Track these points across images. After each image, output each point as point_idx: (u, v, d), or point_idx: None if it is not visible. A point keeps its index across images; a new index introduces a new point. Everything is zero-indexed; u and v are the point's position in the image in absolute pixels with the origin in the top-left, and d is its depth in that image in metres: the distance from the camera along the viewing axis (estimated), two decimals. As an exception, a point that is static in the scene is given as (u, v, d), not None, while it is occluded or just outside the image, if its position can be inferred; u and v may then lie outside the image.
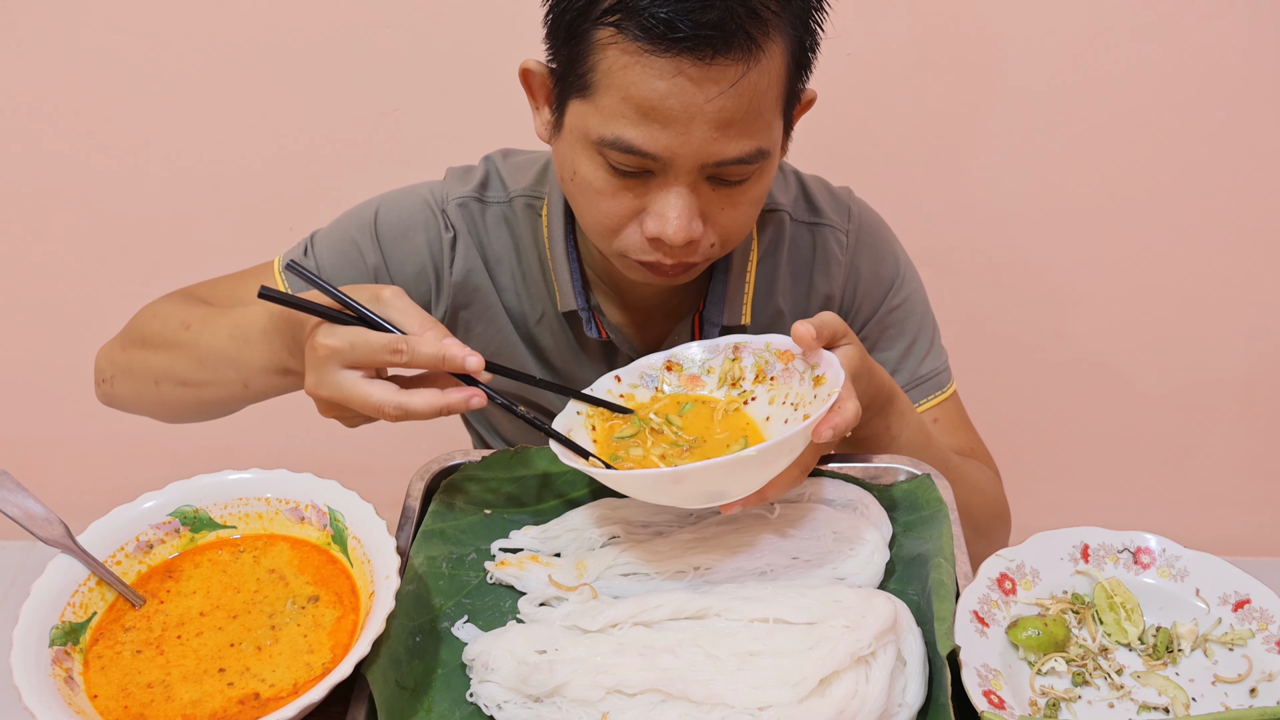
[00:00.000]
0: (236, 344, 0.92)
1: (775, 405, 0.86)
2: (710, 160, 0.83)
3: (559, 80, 0.87)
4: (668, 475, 0.72)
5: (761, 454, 0.71)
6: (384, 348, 0.75)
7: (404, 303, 0.78)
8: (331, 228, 1.09)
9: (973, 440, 1.14)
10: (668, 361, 0.90)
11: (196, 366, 0.96)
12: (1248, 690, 0.76)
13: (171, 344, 0.98)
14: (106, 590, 0.76)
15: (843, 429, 0.75)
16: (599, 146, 0.84)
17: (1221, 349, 1.92)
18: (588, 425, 0.86)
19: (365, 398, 0.76)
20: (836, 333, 0.84)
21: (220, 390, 0.96)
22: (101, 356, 1.09)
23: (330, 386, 0.77)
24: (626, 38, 0.78)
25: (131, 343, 1.04)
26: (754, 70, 0.80)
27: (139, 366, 1.02)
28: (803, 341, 0.81)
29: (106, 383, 1.08)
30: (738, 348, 0.89)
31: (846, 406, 0.76)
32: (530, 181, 1.06)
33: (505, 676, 0.73)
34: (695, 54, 0.77)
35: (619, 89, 0.80)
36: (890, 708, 0.70)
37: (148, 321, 1.03)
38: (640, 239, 0.89)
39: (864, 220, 1.12)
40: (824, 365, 0.82)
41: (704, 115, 0.80)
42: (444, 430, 1.47)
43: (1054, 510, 1.63)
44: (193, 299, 1.06)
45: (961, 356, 1.22)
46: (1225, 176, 1.73)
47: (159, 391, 1.01)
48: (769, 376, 0.87)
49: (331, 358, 0.76)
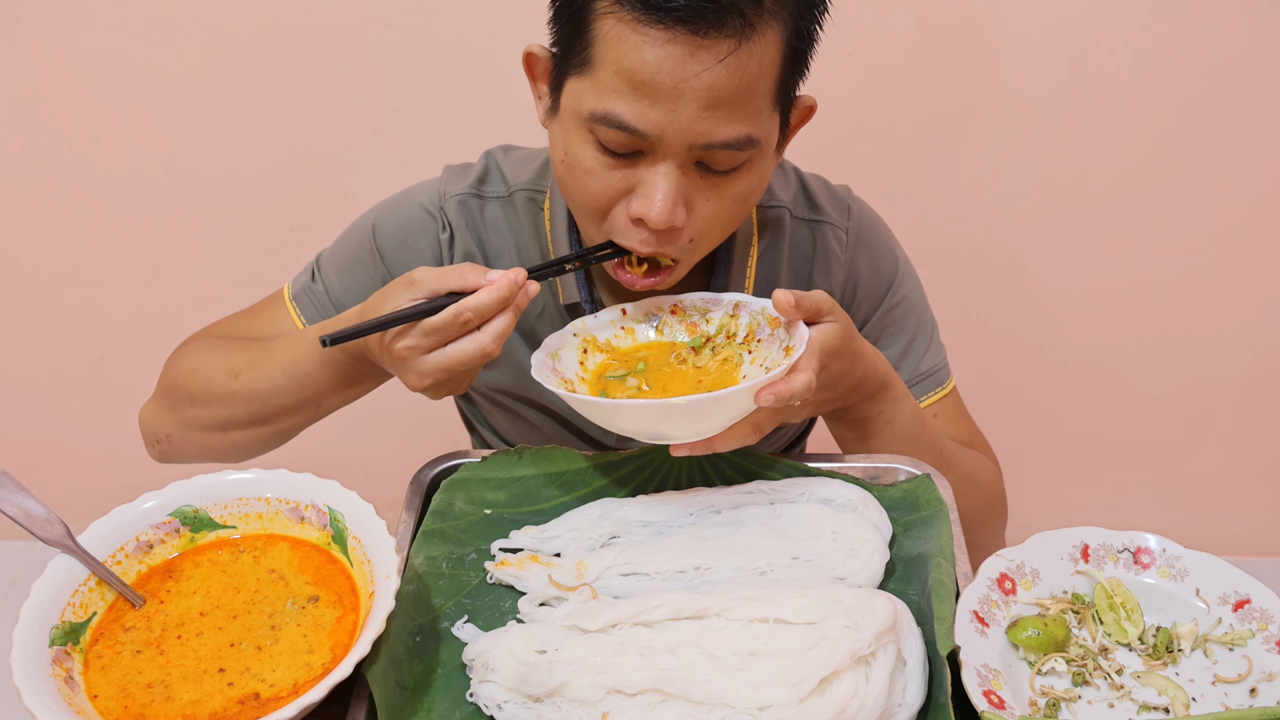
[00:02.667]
0: (297, 381, 0.96)
1: (754, 366, 0.89)
2: (699, 141, 0.83)
3: (559, 61, 0.88)
4: (609, 405, 0.79)
5: (692, 404, 0.76)
6: (452, 323, 0.81)
7: (434, 271, 0.83)
8: (334, 248, 1.10)
9: (973, 435, 1.14)
10: (673, 306, 0.95)
11: (259, 407, 0.99)
12: (1248, 690, 0.76)
13: (224, 397, 1.00)
14: (106, 590, 0.76)
15: (786, 396, 0.79)
16: (590, 123, 0.85)
17: (1221, 349, 1.92)
18: (579, 348, 0.91)
19: (463, 356, 0.82)
20: (821, 309, 0.86)
21: (295, 419, 1.01)
22: (148, 419, 1.10)
23: (429, 374, 0.83)
24: (624, 8, 0.80)
25: (179, 402, 1.05)
26: (744, 49, 0.80)
27: (197, 421, 1.04)
28: (781, 309, 0.84)
29: (163, 442, 1.09)
30: (738, 305, 0.93)
31: (797, 378, 0.79)
32: (532, 175, 1.07)
33: (505, 676, 0.73)
34: (689, 25, 0.78)
35: (613, 61, 0.82)
36: (890, 708, 0.70)
37: (189, 379, 1.04)
38: (625, 220, 0.89)
39: (863, 219, 1.12)
40: (796, 337, 0.85)
41: (693, 91, 0.81)
42: (444, 430, 1.47)
43: (1054, 510, 1.64)
44: (221, 341, 1.07)
45: (960, 356, 1.22)
46: (1225, 176, 1.73)
47: (228, 438, 1.04)
48: (757, 339, 0.91)
49: (413, 353, 0.83)
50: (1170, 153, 1.71)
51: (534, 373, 0.85)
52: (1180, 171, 1.73)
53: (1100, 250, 1.82)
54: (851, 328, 0.88)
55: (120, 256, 1.85)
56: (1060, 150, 1.72)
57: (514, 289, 0.82)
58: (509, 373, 1.11)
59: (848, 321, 0.87)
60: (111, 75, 1.67)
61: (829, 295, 0.87)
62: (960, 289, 1.84)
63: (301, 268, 1.12)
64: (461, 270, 0.82)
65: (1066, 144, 1.71)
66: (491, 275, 0.82)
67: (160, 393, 1.09)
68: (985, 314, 1.89)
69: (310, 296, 1.08)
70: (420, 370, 0.83)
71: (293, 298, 1.09)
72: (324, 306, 1.07)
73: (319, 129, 1.72)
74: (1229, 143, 1.70)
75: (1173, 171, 1.73)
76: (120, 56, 1.65)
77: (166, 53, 1.65)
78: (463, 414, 1.28)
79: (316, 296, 1.08)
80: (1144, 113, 1.68)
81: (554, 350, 0.90)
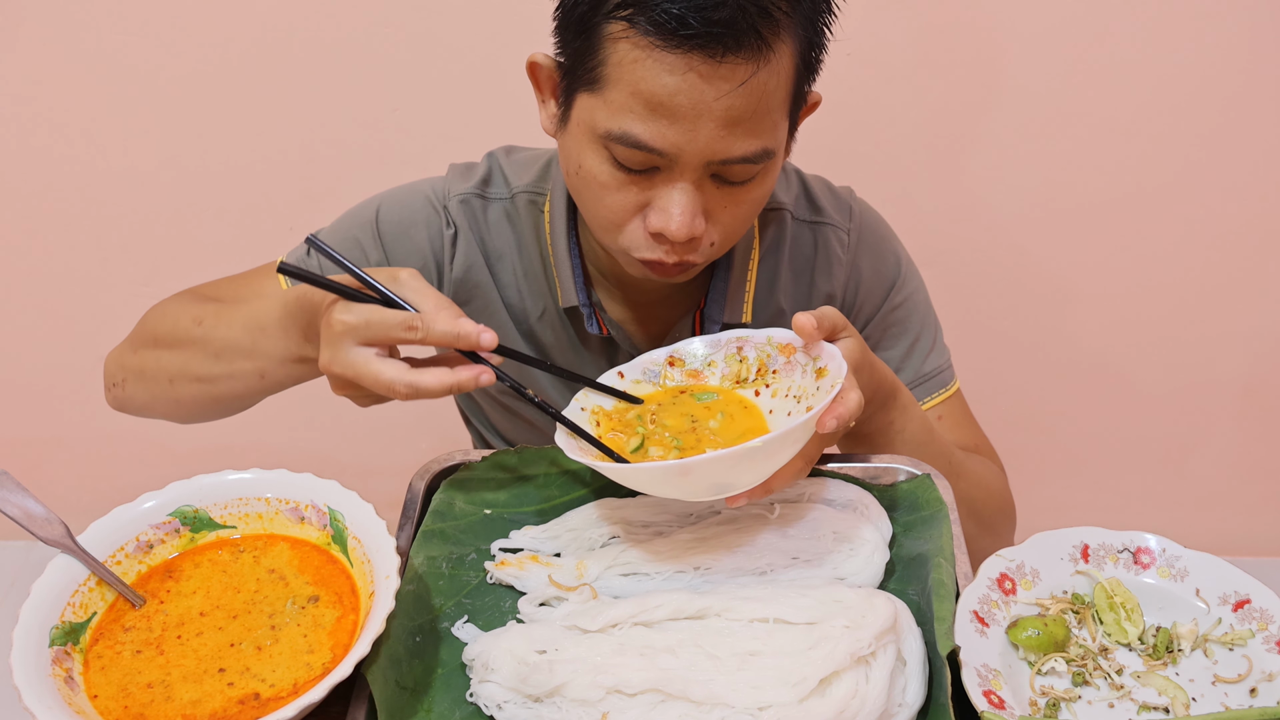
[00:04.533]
0: (252, 334, 0.92)
1: (778, 399, 0.86)
2: (716, 158, 0.83)
3: (567, 74, 0.87)
4: (675, 468, 0.72)
5: (766, 445, 0.72)
6: (399, 324, 0.76)
7: (420, 284, 0.79)
8: (334, 227, 1.09)
9: (977, 437, 1.14)
10: (670, 357, 0.90)
11: (211, 361, 0.96)
12: (1248, 690, 0.76)
13: (184, 341, 0.98)
14: (106, 590, 0.76)
15: (846, 419, 0.75)
16: (605, 141, 0.84)
17: (1221, 349, 1.92)
18: (591, 422, 0.86)
19: (377, 375, 0.76)
20: (836, 325, 0.84)
21: (237, 383, 0.96)
22: (110, 361, 1.09)
23: (344, 363, 0.77)
24: (638, 32, 0.78)
25: (142, 344, 1.04)
26: (764, 70, 0.80)
27: (152, 367, 1.02)
28: (804, 333, 0.81)
29: (118, 387, 1.07)
30: (741, 344, 0.89)
31: (850, 397, 0.76)
32: (533, 178, 1.07)
33: (505, 676, 0.73)
34: (706, 51, 0.77)
35: (628, 83, 0.81)
36: (890, 708, 0.70)
37: (158, 321, 1.03)
38: (643, 234, 0.89)
39: (865, 219, 1.12)
40: (826, 357, 0.82)
41: (712, 113, 0.80)
42: (444, 430, 1.47)
43: (1054, 510, 1.63)
44: (201, 297, 1.06)
45: (961, 356, 1.22)
46: (1225, 176, 1.73)
47: (173, 390, 1.01)
48: (771, 370, 0.87)
49: (347, 334, 0.77)
50: (1172, 153, 1.71)
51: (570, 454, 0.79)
52: (1181, 172, 1.73)
53: (1101, 251, 1.82)
54: (862, 339, 0.87)
55: (120, 256, 1.85)
56: (1062, 151, 1.72)
57: (468, 341, 0.76)
58: (510, 372, 1.11)
59: (858, 334, 0.87)
60: (111, 75, 1.67)
61: (837, 309, 0.85)
62: (961, 289, 1.84)
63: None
64: (440, 301, 0.78)
65: (1068, 145, 1.71)
66: (463, 322, 0.77)
67: (130, 337, 1.07)
68: (986, 314, 1.89)
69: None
70: (340, 355, 0.77)
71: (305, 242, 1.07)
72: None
73: (319, 129, 1.72)
74: (1229, 143, 1.70)
75: (1174, 172, 1.73)
76: (120, 56, 1.65)
77: (166, 52, 1.65)
78: (462, 413, 1.28)
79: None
80: (1145, 113, 1.68)
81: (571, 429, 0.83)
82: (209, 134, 1.73)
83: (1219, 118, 1.67)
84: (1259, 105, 1.66)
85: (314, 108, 1.70)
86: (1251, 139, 1.69)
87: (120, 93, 1.68)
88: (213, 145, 1.74)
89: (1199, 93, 1.65)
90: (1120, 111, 1.67)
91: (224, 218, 1.81)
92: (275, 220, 1.80)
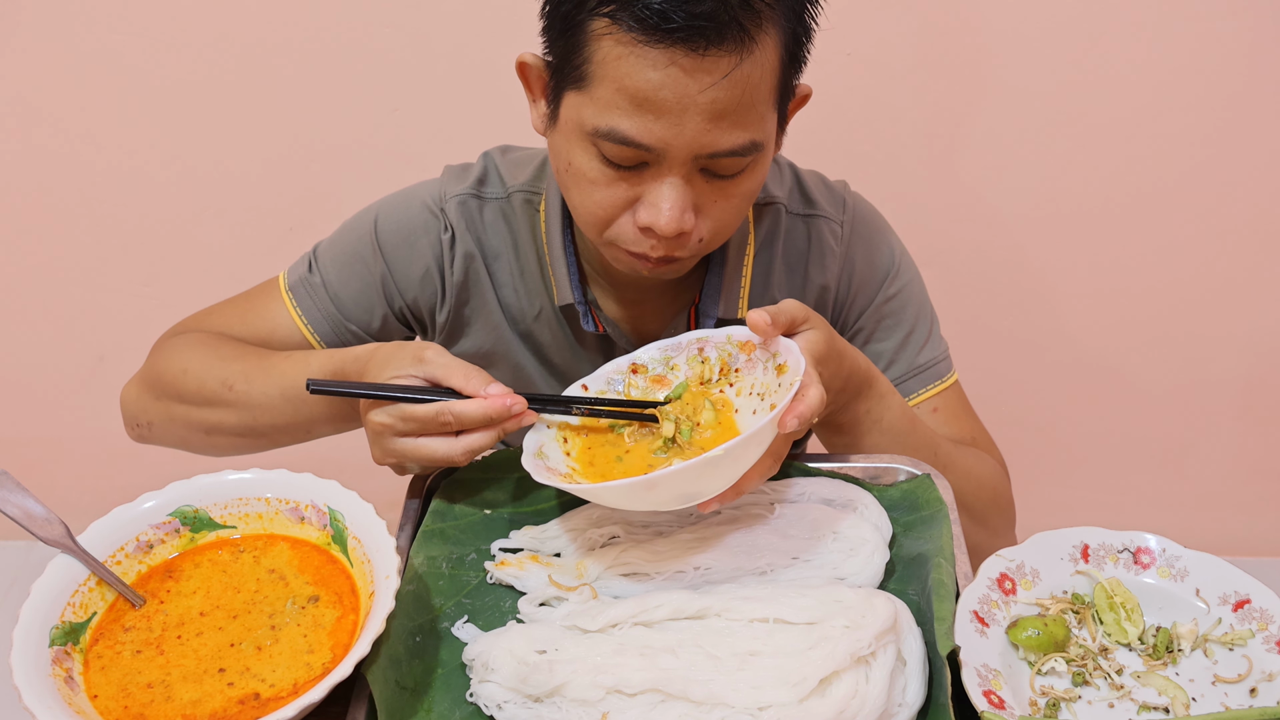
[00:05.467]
0: (293, 404, 0.96)
1: (743, 397, 0.87)
2: (704, 151, 0.83)
3: (554, 72, 0.88)
4: (640, 483, 0.73)
5: (729, 451, 0.72)
6: (431, 419, 0.81)
7: (445, 359, 0.83)
8: (333, 240, 1.10)
9: (975, 430, 1.13)
10: (632, 365, 0.92)
11: (251, 422, 0.99)
12: (1248, 690, 0.76)
13: (216, 403, 1.00)
14: (106, 590, 0.76)
15: (808, 416, 0.76)
16: (593, 137, 0.84)
17: (1221, 349, 1.92)
18: (559, 438, 0.87)
19: (431, 456, 0.82)
20: (796, 319, 0.85)
21: (285, 437, 1.01)
22: (130, 401, 1.09)
23: (395, 455, 0.84)
24: (621, 28, 0.79)
25: (166, 396, 1.04)
26: (747, 62, 0.80)
27: (183, 419, 1.03)
28: (758, 329, 0.82)
29: (143, 427, 1.08)
30: (702, 345, 0.90)
31: (810, 394, 0.77)
32: (528, 177, 1.07)
33: (505, 676, 0.73)
34: (688, 45, 0.78)
35: (613, 80, 0.81)
36: (890, 708, 0.70)
37: (179, 378, 1.02)
38: (632, 229, 0.89)
39: (859, 211, 1.12)
40: (784, 353, 0.82)
41: (697, 106, 0.81)
42: (444, 430, 1.47)
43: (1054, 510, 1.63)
44: (215, 340, 1.05)
45: (961, 355, 1.22)
46: (1225, 176, 1.73)
47: (211, 440, 1.04)
48: (734, 369, 0.88)
49: (386, 431, 0.83)
50: (1171, 152, 1.71)
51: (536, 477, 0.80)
52: (1181, 171, 1.73)
53: (1100, 250, 1.82)
54: (830, 329, 0.87)
55: (120, 256, 1.85)
56: (1061, 151, 1.72)
57: (503, 413, 0.81)
58: (507, 373, 1.11)
59: (825, 324, 0.87)
60: (111, 75, 1.66)
61: (800, 302, 0.86)
62: (960, 288, 1.84)
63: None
64: (467, 372, 0.82)
65: (1067, 144, 1.71)
66: (492, 389, 0.81)
67: (147, 380, 1.07)
68: (985, 314, 1.89)
69: (308, 289, 1.08)
70: (386, 448, 0.84)
71: (289, 289, 1.08)
72: (321, 300, 1.07)
73: (319, 129, 1.72)
74: (1230, 143, 1.70)
75: (1174, 171, 1.73)
76: (120, 56, 1.65)
77: (166, 52, 1.65)
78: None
79: (314, 289, 1.07)
80: (1145, 113, 1.68)
81: (538, 449, 0.85)
82: (209, 134, 1.73)
83: (1219, 117, 1.67)
84: (1259, 105, 1.66)
85: (314, 108, 1.70)
86: (1251, 139, 1.69)
87: (120, 93, 1.68)
88: (213, 145, 1.74)
89: (1198, 92, 1.65)
90: (1120, 111, 1.67)
91: (224, 218, 1.81)
92: (275, 220, 1.80)
